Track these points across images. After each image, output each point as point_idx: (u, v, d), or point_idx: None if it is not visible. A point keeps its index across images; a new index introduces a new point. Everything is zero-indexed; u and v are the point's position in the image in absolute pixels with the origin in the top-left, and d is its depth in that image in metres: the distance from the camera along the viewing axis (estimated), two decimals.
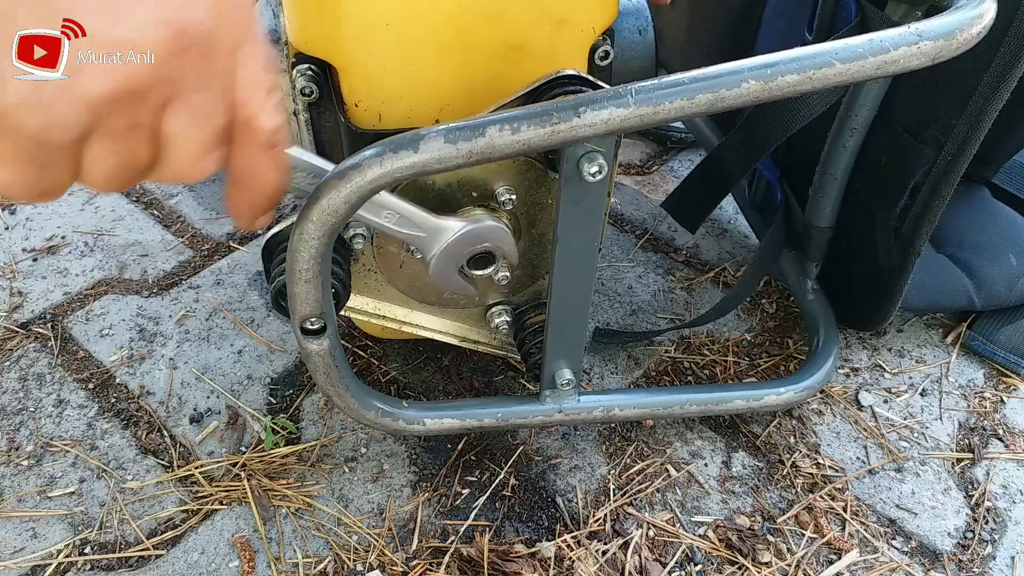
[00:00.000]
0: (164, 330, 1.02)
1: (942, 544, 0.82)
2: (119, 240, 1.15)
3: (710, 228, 1.19)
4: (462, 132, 0.52)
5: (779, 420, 0.93)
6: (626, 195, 1.25)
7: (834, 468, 0.88)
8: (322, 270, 0.58)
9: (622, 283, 1.10)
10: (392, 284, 0.78)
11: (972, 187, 1.06)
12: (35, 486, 0.86)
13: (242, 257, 1.13)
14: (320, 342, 0.65)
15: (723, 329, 1.04)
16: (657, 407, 0.85)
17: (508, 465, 0.88)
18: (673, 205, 1.03)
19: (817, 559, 0.81)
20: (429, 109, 0.65)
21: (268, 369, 0.98)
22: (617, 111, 0.53)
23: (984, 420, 0.94)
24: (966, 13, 0.56)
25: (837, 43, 0.54)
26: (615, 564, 0.80)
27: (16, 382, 0.96)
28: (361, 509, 0.84)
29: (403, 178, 0.53)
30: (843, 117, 0.82)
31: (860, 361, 1.00)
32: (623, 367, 0.99)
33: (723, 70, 0.53)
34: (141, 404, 0.94)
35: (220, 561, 0.80)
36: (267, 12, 0.71)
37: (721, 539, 0.82)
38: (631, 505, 0.85)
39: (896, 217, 0.84)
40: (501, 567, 0.78)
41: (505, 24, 0.62)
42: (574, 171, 0.60)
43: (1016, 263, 0.98)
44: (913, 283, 0.87)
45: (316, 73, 0.64)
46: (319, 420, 0.92)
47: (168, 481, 0.86)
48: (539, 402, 0.81)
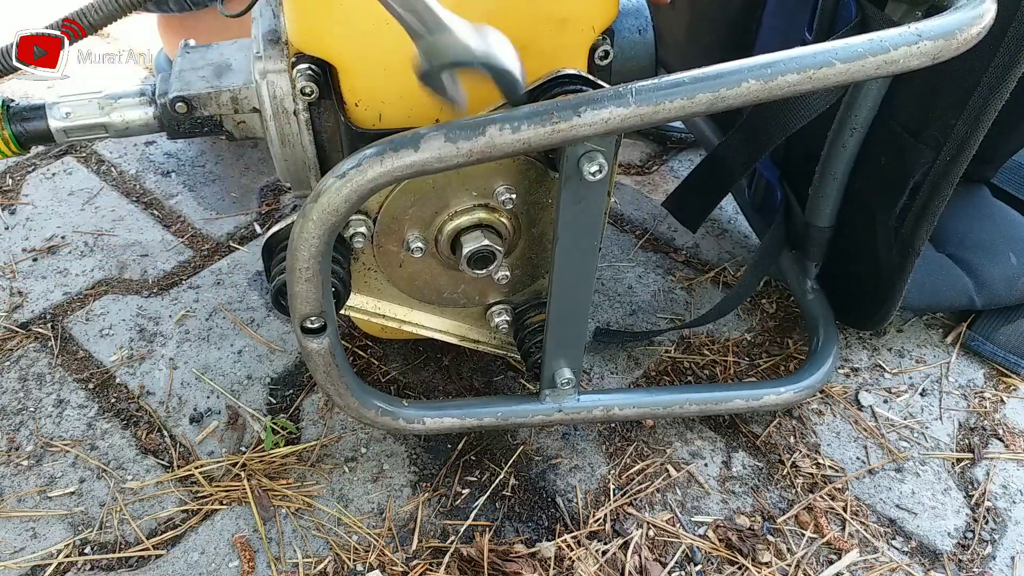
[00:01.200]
0: (164, 330, 1.02)
1: (942, 544, 0.82)
2: (119, 240, 1.15)
3: (710, 228, 1.19)
4: (462, 131, 0.52)
5: (779, 420, 0.93)
6: (626, 195, 1.25)
7: (834, 468, 0.88)
8: (322, 269, 0.58)
9: (622, 283, 1.10)
10: (392, 283, 0.78)
11: (972, 187, 1.06)
12: (35, 486, 0.86)
13: (242, 257, 1.13)
14: (320, 341, 0.65)
15: (723, 329, 1.04)
16: (657, 406, 0.85)
17: (508, 465, 0.88)
18: (674, 204, 1.03)
19: (817, 559, 0.81)
20: (429, 109, 0.65)
21: (268, 369, 0.98)
22: (617, 110, 0.53)
23: (984, 420, 0.94)
24: (966, 13, 0.56)
25: (837, 43, 0.54)
26: (615, 564, 0.80)
27: (16, 382, 0.96)
28: (361, 509, 0.84)
29: (403, 177, 0.53)
30: (843, 117, 0.82)
31: (860, 361, 1.00)
32: (623, 367, 0.99)
33: (723, 70, 0.54)
34: (141, 404, 0.94)
35: (220, 561, 0.80)
36: (267, 12, 0.71)
37: (721, 539, 0.82)
38: (631, 505, 0.85)
39: (896, 217, 0.84)
40: (501, 567, 0.78)
41: (505, 23, 0.61)
42: (574, 170, 0.60)
43: (1016, 262, 0.98)
44: (913, 282, 0.87)
45: (316, 73, 0.64)
46: (319, 420, 0.92)
47: (168, 481, 0.86)
48: (539, 401, 0.81)
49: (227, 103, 0.69)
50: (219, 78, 0.69)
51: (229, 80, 0.69)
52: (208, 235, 1.16)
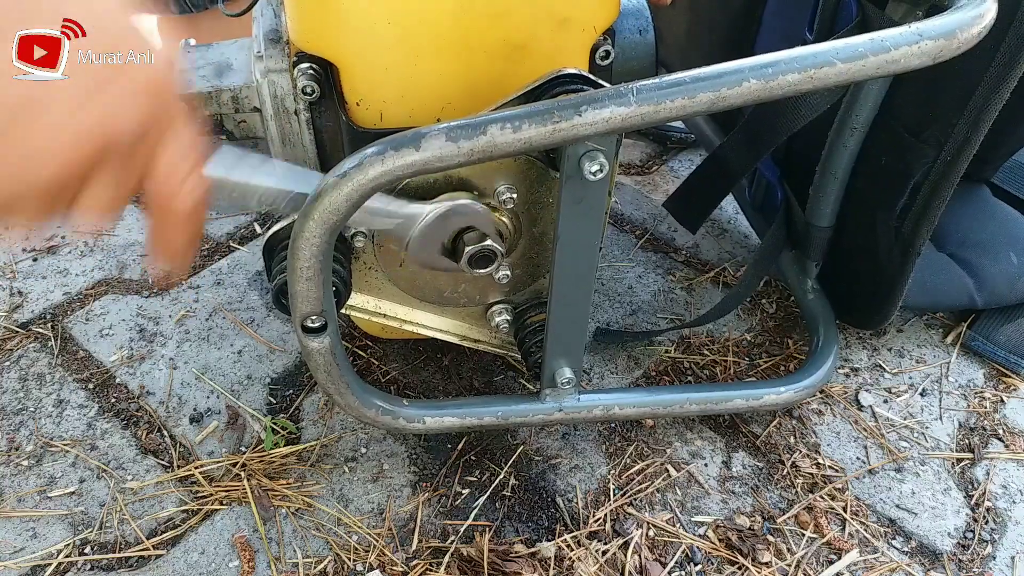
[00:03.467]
0: (164, 330, 1.02)
1: (942, 544, 0.82)
2: (119, 240, 1.15)
3: (710, 228, 1.19)
4: (464, 130, 0.52)
5: (779, 420, 0.93)
6: (626, 195, 1.25)
7: (834, 468, 0.88)
8: (323, 268, 0.58)
9: (622, 283, 1.10)
10: (393, 282, 0.78)
11: (973, 186, 1.06)
12: (35, 486, 0.86)
13: (242, 257, 1.13)
14: (321, 340, 0.65)
15: (723, 329, 1.04)
16: (657, 406, 0.85)
17: (508, 465, 0.88)
18: (674, 205, 1.03)
19: (817, 559, 0.81)
20: (431, 108, 0.65)
21: (268, 369, 0.98)
22: (619, 110, 0.53)
23: (984, 420, 0.94)
24: (967, 13, 0.56)
25: (838, 43, 0.54)
26: (615, 564, 0.80)
27: (16, 382, 0.96)
28: (361, 509, 0.84)
29: (404, 176, 0.53)
30: (843, 117, 0.82)
31: (860, 361, 1.00)
32: (623, 367, 0.99)
33: (725, 69, 0.54)
34: (141, 404, 0.93)
35: (220, 561, 0.80)
36: (267, 12, 0.71)
37: (721, 539, 0.82)
38: (631, 505, 0.85)
39: (896, 216, 0.84)
40: (501, 567, 0.78)
41: (507, 23, 0.62)
42: (575, 170, 0.60)
43: (1017, 262, 0.98)
44: (914, 282, 0.87)
45: (317, 72, 0.64)
46: (319, 420, 0.92)
47: (168, 481, 0.86)
48: (539, 401, 0.81)
49: (228, 102, 0.69)
50: (220, 77, 0.69)
51: (230, 79, 0.69)
52: (208, 235, 1.16)
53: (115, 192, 0.46)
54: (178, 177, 0.49)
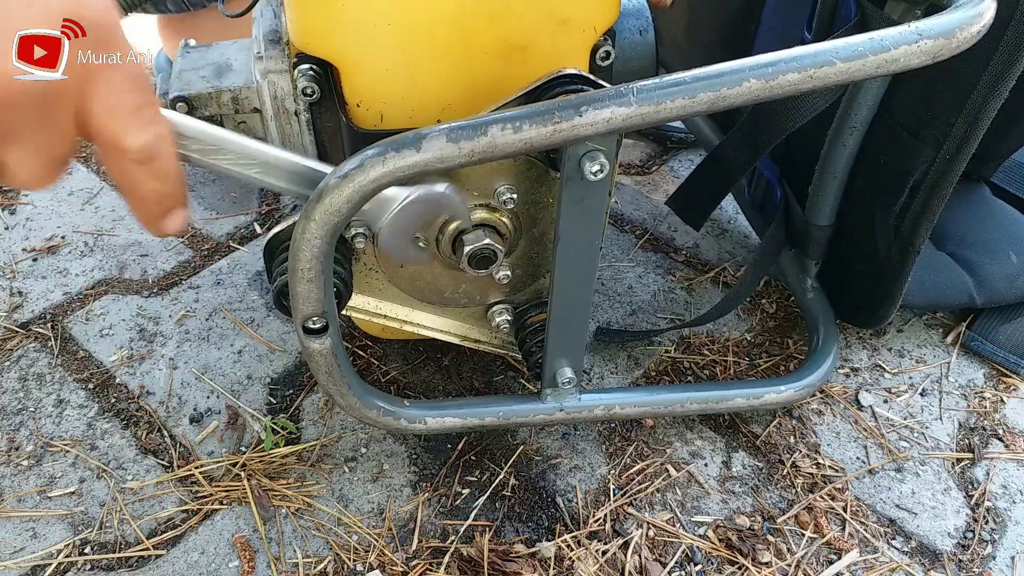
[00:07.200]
0: (164, 330, 1.02)
1: (942, 544, 0.82)
2: (119, 240, 1.15)
3: (710, 228, 1.19)
4: (464, 131, 0.52)
5: (779, 420, 0.93)
6: (626, 195, 1.25)
7: (834, 468, 0.89)
8: (324, 269, 0.58)
9: (622, 283, 1.10)
10: (393, 283, 0.78)
11: (972, 185, 1.06)
12: (35, 486, 0.86)
13: (242, 257, 1.13)
14: (322, 341, 0.65)
15: (723, 329, 1.04)
16: (658, 405, 0.85)
17: (508, 465, 0.88)
18: (677, 204, 1.03)
19: (817, 559, 0.81)
20: (431, 109, 0.65)
21: (268, 369, 0.98)
22: (619, 110, 0.53)
23: (984, 420, 0.94)
24: (966, 12, 0.56)
25: (838, 42, 0.54)
26: (615, 564, 0.80)
27: (16, 382, 0.96)
28: (361, 509, 0.84)
29: (405, 177, 0.53)
30: (843, 116, 0.82)
31: (860, 361, 1.00)
32: (623, 367, 0.99)
33: (725, 69, 0.54)
34: (141, 404, 0.93)
35: (220, 561, 0.80)
36: (267, 12, 0.71)
37: (721, 539, 0.82)
38: (631, 505, 0.85)
39: (896, 215, 0.84)
40: (501, 567, 0.78)
41: (507, 24, 0.62)
42: (575, 170, 0.60)
43: (1016, 260, 0.98)
44: (914, 281, 0.87)
45: (317, 73, 0.64)
46: (319, 420, 0.92)
47: (168, 481, 0.86)
48: (540, 400, 0.81)
49: (228, 103, 0.69)
50: (220, 78, 0.69)
51: (230, 80, 0.69)
52: (208, 235, 1.16)
53: (47, 143, 0.42)
54: (123, 111, 0.43)
